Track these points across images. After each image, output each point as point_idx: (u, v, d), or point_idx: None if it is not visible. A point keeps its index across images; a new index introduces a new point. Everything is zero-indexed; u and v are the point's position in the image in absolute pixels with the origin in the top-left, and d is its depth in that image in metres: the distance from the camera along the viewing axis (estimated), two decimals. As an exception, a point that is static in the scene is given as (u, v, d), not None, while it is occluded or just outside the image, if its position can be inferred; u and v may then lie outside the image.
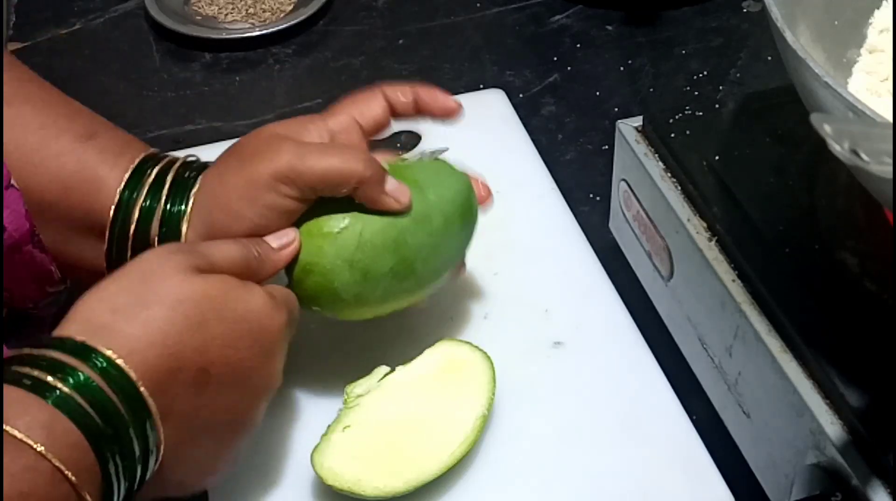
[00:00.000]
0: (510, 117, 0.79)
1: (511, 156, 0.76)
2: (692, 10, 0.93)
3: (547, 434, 0.58)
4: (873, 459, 0.46)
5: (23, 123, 0.56)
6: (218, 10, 0.95)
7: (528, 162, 0.76)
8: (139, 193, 0.56)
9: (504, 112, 0.80)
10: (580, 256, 0.68)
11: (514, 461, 0.57)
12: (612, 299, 0.64)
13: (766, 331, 0.51)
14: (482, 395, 0.57)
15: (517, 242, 0.69)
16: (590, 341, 0.63)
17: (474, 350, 0.59)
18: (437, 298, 0.64)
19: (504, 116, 0.79)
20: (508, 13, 0.95)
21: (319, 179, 0.53)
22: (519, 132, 0.78)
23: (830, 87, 0.43)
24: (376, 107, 0.59)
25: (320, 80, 0.88)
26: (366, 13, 0.95)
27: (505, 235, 0.68)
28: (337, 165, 0.53)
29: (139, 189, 0.56)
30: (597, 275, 0.66)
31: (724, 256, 0.55)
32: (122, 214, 0.56)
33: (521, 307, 0.65)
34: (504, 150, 0.76)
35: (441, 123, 0.60)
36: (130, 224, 0.56)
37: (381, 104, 0.59)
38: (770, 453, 0.53)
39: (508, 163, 0.75)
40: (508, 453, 0.57)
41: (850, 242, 0.53)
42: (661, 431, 0.57)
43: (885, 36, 0.57)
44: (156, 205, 0.56)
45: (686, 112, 0.61)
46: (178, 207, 0.56)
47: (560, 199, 0.72)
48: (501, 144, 0.76)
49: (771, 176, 0.58)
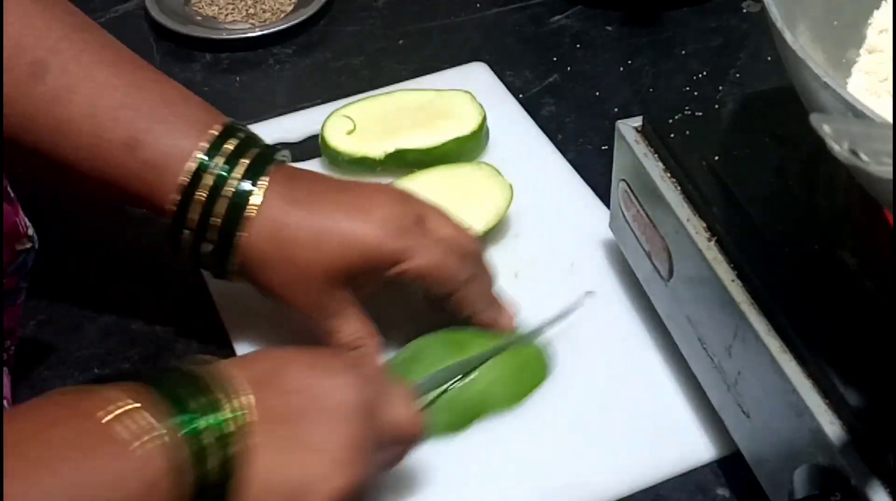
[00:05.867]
0: (497, 87, 0.82)
1: (507, 124, 0.80)
2: (692, 10, 0.93)
3: (585, 383, 0.62)
4: (873, 459, 0.46)
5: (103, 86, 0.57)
6: (218, 10, 0.95)
7: (526, 128, 0.79)
8: (216, 162, 0.57)
9: (490, 83, 0.82)
10: (592, 210, 0.71)
11: (565, 407, 0.61)
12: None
13: (765, 331, 0.51)
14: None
15: (529, 204, 0.72)
16: (618, 290, 0.67)
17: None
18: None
19: (491, 86, 0.82)
20: (508, 13, 0.95)
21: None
22: (510, 101, 0.81)
23: (830, 87, 0.43)
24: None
25: (321, 80, 0.88)
26: (366, 13, 0.96)
27: (517, 198, 0.70)
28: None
29: (216, 158, 0.57)
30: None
31: (724, 256, 0.55)
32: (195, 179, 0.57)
33: (548, 263, 0.69)
34: (499, 118, 0.79)
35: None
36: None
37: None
38: (769, 452, 0.53)
39: (506, 131, 0.79)
40: (555, 400, 0.61)
41: (849, 242, 0.54)
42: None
43: (885, 36, 0.57)
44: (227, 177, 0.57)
45: (686, 112, 0.61)
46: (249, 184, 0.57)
47: (562, 159, 0.76)
48: (496, 114, 0.79)
49: (770, 176, 0.58)
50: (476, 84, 0.81)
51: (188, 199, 0.57)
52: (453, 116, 0.76)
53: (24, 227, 0.57)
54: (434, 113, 0.76)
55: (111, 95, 0.57)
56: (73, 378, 0.65)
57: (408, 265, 0.58)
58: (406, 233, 0.58)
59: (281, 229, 0.57)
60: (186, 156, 0.57)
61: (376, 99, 0.79)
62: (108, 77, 0.58)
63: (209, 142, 0.57)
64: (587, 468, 0.58)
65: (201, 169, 0.57)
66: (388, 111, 0.77)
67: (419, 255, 0.58)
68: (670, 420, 0.61)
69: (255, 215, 0.57)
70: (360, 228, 0.58)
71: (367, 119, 0.76)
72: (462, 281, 0.60)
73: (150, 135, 0.57)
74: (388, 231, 0.58)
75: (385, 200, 0.59)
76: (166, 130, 0.57)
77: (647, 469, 0.59)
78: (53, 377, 0.65)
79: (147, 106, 0.58)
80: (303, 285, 0.58)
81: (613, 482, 0.58)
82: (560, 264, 0.69)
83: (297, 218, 0.57)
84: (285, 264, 0.57)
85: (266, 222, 0.57)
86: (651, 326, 0.65)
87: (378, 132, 0.76)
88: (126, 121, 0.57)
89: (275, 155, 0.59)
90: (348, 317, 0.59)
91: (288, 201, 0.58)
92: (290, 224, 0.57)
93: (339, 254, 0.57)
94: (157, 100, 0.59)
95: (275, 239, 0.57)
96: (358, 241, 0.57)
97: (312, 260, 0.57)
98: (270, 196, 0.57)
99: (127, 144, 0.57)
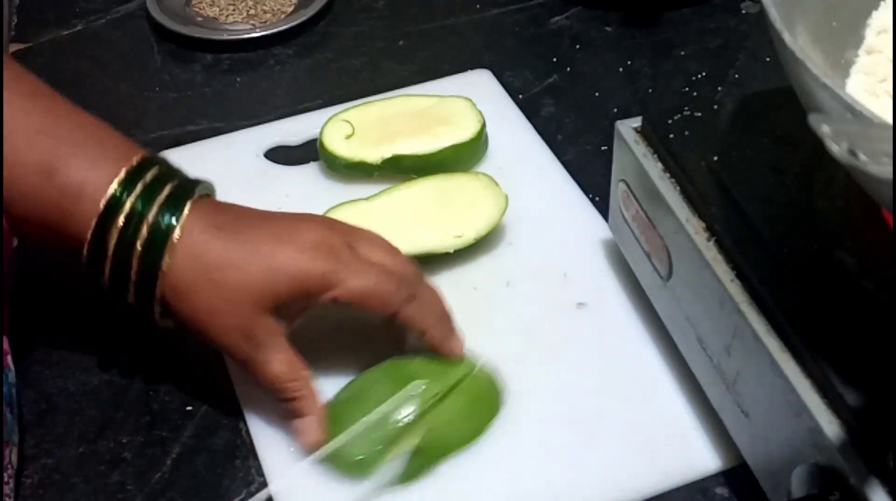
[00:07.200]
0: (500, 94, 0.82)
1: (508, 131, 0.79)
2: (691, 11, 0.93)
3: (582, 391, 0.62)
4: (871, 458, 0.46)
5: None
6: (219, 11, 0.95)
7: (526, 136, 0.79)
8: (131, 194, 0.55)
9: (493, 90, 0.82)
10: (588, 221, 0.71)
11: (549, 418, 0.61)
12: (625, 260, 0.66)
13: (764, 331, 0.51)
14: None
15: (525, 212, 0.72)
16: (611, 300, 0.66)
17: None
18: (458, 271, 0.69)
19: (494, 93, 0.82)
20: (508, 14, 0.95)
21: None
22: (511, 109, 0.81)
23: (829, 87, 0.43)
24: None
25: (321, 80, 0.88)
26: (366, 14, 0.96)
27: (513, 206, 0.70)
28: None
29: (131, 191, 0.55)
30: (607, 237, 0.69)
31: (723, 256, 0.55)
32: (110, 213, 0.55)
33: (540, 273, 0.68)
34: (500, 126, 0.79)
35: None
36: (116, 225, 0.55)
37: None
38: (768, 452, 0.53)
39: (506, 138, 0.78)
40: (539, 411, 0.61)
41: (848, 242, 0.54)
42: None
43: (884, 37, 0.57)
44: (147, 211, 0.55)
45: (685, 113, 0.61)
46: (169, 219, 0.55)
47: (562, 170, 0.76)
48: (496, 121, 0.78)
49: (769, 176, 0.58)
50: (478, 90, 0.81)
51: (107, 227, 0.55)
52: (453, 122, 0.76)
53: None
54: (433, 119, 0.76)
55: (27, 121, 0.55)
56: (74, 378, 0.65)
57: (340, 291, 0.57)
58: (335, 258, 0.57)
59: (205, 253, 0.56)
60: (105, 183, 0.55)
61: (376, 104, 0.79)
62: (24, 104, 0.56)
63: (128, 170, 0.56)
64: (586, 475, 0.58)
65: (121, 196, 0.55)
66: (387, 116, 0.77)
67: (350, 279, 0.57)
68: (671, 426, 0.60)
69: (178, 241, 0.55)
70: (287, 253, 0.56)
71: (366, 124, 0.77)
72: (401, 301, 0.58)
73: (67, 161, 0.55)
74: (316, 256, 0.56)
75: (313, 226, 0.58)
76: (84, 157, 0.55)
77: (648, 478, 0.58)
78: (55, 376, 0.65)
79: (65, 132, 0.56)
80: (229, 310, 0.56)
81: (613, 490, 0.58)
82: (553, 273, 0.69)
83: (223, 242, 0.56)
84: (211, 287, 0.55)
85: (190, 247, 0.55)
86: (649, 331, 0.65)
87: (376, 137, 0.76)
88: (42, 146, 0.55)
89: (195, 187, 0.58)
90: (277, 349, 0.57)
91: (212, 227, 0.56)
92: (214, 249, 0.56)
93: (267, 278, 0.56)
94: (75, 127, 0.57)
95: (199, 263, 0.55)
96: (285, 266, 0.56)
97: (240, 282, 0.55)
98: (192, 223, 0.56)
99: (43, 170, 0.55)
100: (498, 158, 0.77)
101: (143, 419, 0.63)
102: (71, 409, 0.63)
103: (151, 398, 0.64)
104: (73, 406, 0.63)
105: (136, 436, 0.62)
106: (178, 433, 0.62)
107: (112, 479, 0.60)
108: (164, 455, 0.61)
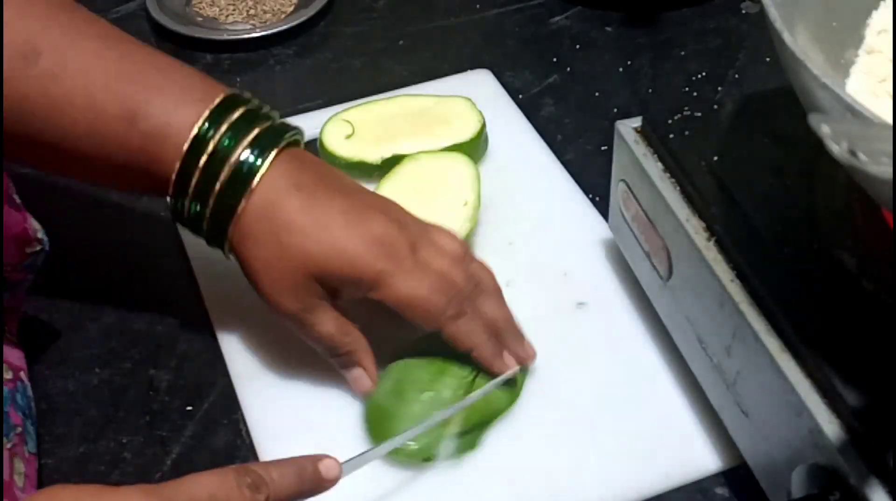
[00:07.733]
0: (500, 95, 0.82)
1: (508, 131, 0.79)
2: (691, 11, 0.93)
3: (580, 391, 0.62)
4: (871, 458, 0.46)
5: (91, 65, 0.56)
6: (219, 11, 0.95)
7: (525, 136, 0.79)
8: (217, 130, 0.55)
9: (493, 90, 0.82)
10: (588, 221, 0.71)
11: (549, 417, 0.61)
12: (625, 259, 0.66)
13: (764, 331, 0.51)
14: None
15: (526, 212, 0.72)
16: (611, 300, 0.66)
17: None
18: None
19: (494, 93, 0.82)
20: (508, 14, 0.95)
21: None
22: (511, 109, 0.81)
23: (828, 87, 0.43)
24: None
25: (321, 80, 0.88)
26: (366, 14, 0.96)
27: (513, 206, 0.72)
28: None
29: (217, 126, 0.56)
30: (607, 237, 0.69)
31: (723, 256, 0.55)
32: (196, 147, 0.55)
33: (540, 273, 0.68)
34: (500, 126, 0.79)
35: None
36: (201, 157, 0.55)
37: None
38: (768, 452, 0.53)
39: (506, 138, 0.78)
40: (539, 411, 0.61)
41: (848, 242, 0.54)
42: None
43: (884, 37, 0.57)
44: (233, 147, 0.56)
45: (685, 113, 0.61)
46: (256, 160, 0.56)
47: (562, 169, 0.76)
48: (496, 121, 0.78)
49: (769, 176, 0.58)
50: (478, 90, 0.81)
51: (191, 167, 0.55)
52: (452, 122, 0.76)
53: (34, 231, 0.58)
54: (433, 119, 0.76)
55: (104, 67, 0.56)
56: (74, 378, 0.65)
57: (387, 294, 0.57)
58: (393, 259, 0.56)
59: (278, 211, 0.56)
60: (189, 124, 0.55)
61: (377, 103, 0.79)
62: (98, 49, 0.56)
63: (211, 109, 0.56)
64: (587, 475, 0.58)
65: (205, 135, 0.55)
66: (387, 116, 0.77)
67: (401, 283, 0.56)
68: (671, 426, 0.61)
69: (256, 188, 0.56)
70: (351, 240, 0.56)
71: (367, 123, 0.77)
72: (447, 318, 0.58)
73: (148, 106, 0.55)
74: (376, 252, 0.56)
75: (383, 219, 0.58)
76: (164, 100, 0.55)
77: (648, 478, 0.58)
78: (55, 376, 0.65)
79: (142, 76, 0.56)
80: (284, 269, 0.56)
81: (613, 490, 0.58)
82: (553, 273, 0.69)
83: (298, 204, 0.56)
84: (274, 244, 0.56)
85: (265, 199, 0.56)
86: (649, 331, 0.65)
87: (376, 137, 0.76)
88: (122, 93, 0.55)
89: (285, 133, 0.58)
90: (324, 310, 0.58)
91: (292, 185, 0.56)
92: (287, 208, 0.56)
93: (326, 256, 0.56)
94: (153, 70, 0.57)
95: (269, 218, 0.56)
96: (345, 253, 0.56)
97: (301, 250, 0.56)
98: (275, 173, 0.56)
99: (125, 117, 0.55)
100: (498, 159, 0.77)
101: (143, 419, 0.63)
102: (71, 409, 0.63)
103: (151, 398, 0.64)
104: (73, 406, 0.63)
105: (136, 436, 0.62)
106: (178, 433, 0.62)
107: (112, 479, 0.60)
108: (164, 455, 0.61)
